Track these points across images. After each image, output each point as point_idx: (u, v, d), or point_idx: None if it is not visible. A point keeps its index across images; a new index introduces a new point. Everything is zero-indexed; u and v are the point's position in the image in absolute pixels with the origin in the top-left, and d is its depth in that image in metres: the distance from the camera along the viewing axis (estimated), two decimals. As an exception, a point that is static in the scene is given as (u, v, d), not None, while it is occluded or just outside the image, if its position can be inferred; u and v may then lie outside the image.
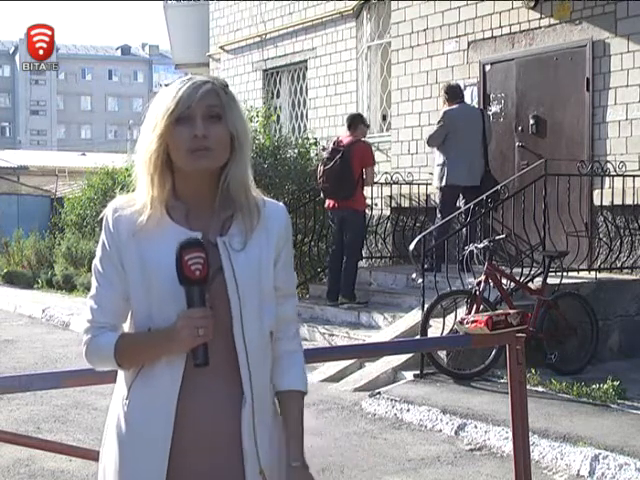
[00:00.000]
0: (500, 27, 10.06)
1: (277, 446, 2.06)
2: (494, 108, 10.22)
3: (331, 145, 9.24)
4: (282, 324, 2.08)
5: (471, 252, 7.56)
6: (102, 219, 2.04)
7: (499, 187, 8.60)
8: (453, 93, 9.22)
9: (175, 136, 1.96)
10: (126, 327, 2.04)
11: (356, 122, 9.27)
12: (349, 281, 9.25)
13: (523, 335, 3.46)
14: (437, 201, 9.40)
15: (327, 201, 9.31)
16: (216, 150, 1.97)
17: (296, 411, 2.08)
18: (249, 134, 2.07)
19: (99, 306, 2.01)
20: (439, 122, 9.10)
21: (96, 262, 2.03)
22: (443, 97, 9.34)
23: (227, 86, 2.04)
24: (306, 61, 14.03)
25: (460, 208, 8.83)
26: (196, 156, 1.96)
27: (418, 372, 7.25)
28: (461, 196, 9.09)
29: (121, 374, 2.05)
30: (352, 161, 8.94)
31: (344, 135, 9.30)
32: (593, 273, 8.41)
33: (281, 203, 2.16)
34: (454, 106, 9.14)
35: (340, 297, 9.23)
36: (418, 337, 7.11)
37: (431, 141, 9.17)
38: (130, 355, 1.98)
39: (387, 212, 11.19)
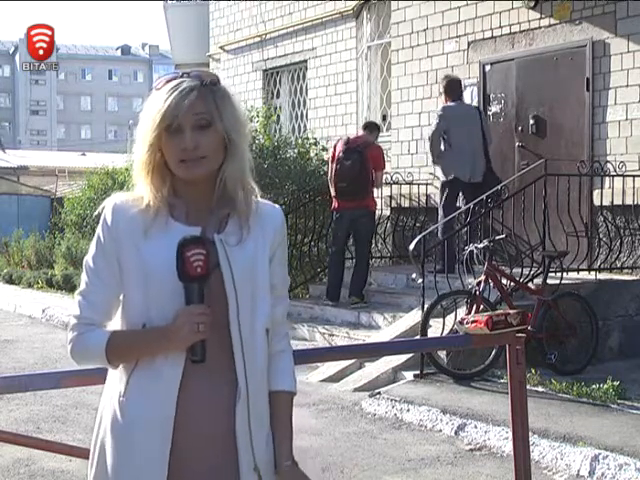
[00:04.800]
0: (500, 27, 10.06)
1: (273, 443, 2.07)
2: (494, 108, 10.22)
3: (341, 144, 9.24)
4: (274, 325, 2.09)
5: (471, 252, 7.56)
6: (99, 215, 2.03)
7: (499, 187, 8.59)
8: (452, 89, 9.18)
9: (166, 146, 1.97)
10: (115, 324, 2.02)
11: (373, 128, 9.64)
12: (362, 280, 9.28)
13: (523, 335, 3.46)
14: (439, 199, 9.34)
15: (336, 201, 9.29)
16: (209, 157, 1.97)
17: (286, 412, 2.09)
18: (245, 131, 2.05)
19: (88, 302, 2.00)
20: (436, 119, 9.07)
21: (88, 258, 2.02)
22: (442, 90, 9.28)
23: (217, 82, 2.00)
24: (306, 61, 14.03)
25: (460, 207, 8.83)
26: (188, 166, 1.96)
27: (418, 372, 7.25)
28: (461, 195, 9.09)
29: (113, 370, 2.04)
30: (367, 162, 9.03)
31: (353, 134, 9.39)
32: (593, 273, 8.41)
33: (277, 205, 2.17)
34: (451, 103, 9.12)
35: (351, 297, 9.24)
36: (418, 337, 7.11)
37: (433, 141, 9.08)
38: (123, 353, 1.98)
39: (387, 212, 11.19)
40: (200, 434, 1.97)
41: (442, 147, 8.99)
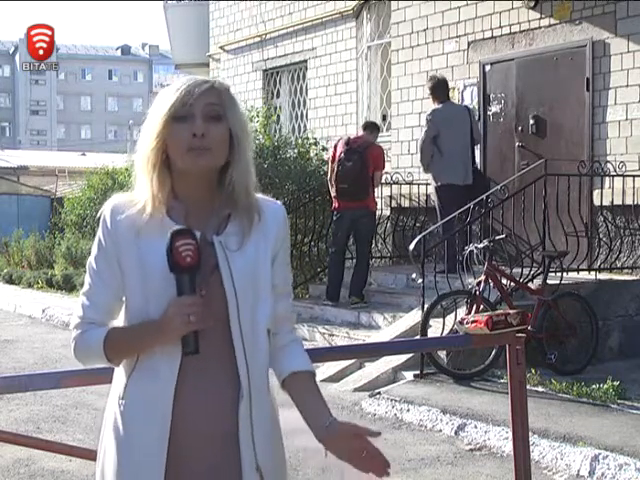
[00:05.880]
0: (500, 27, 10.06)
1: (275, 442, 2.07)
2: (494, 108, 10.22)
3: (342, 144, 9.24)
4: (279, 321, 2.09)
5: (471, 252, 7.56)
6: (100, 216, 2.04)
7: (498, 187, 8.59)
8: (439, 90, 9.19)
9: (174, 134, 1.97)
10: (118, 324, 2.03)
11: (373, 128, 9.58)
12: (362, 280, 9.29)
13: (523, 335, 3.46)
14: (435, 203, 9.35)
15: (337, 202, 9.30)
16: (215, 149, 1.97)
17: (312, 385, 2.08)
18: (250, 135, 2.07)
19: (91, 302, 2.01)
20: (425, 125, 9.10)
21: (91, 259, 2.04)
22: (429, 92, 9.33)
23: (229, 89, 2.05)
24: (306, 61, 14.03)
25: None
26: (194, 155, 1.96)
27: (418, 372, 7.25)
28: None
29: (117, 373, 2.05)
30: (368, 162, 9.03)
31: (353, 134, 9.39)
32: (593, 273, 8.40)
33: (279, 202, 2.16)
34: (439, 106, 9.13)
35: (351, 297, 9.24)
36: (418, 337, 7.11)
37: (423, 149, 9.10)
38: (120, 348, 1.99)
39: (387, 212, 11.19)
40: (198, 433, 1.97)
41: (432, 154, 9.00)
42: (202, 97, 1.97)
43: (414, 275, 7.99)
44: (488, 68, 10.28)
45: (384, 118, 12.30)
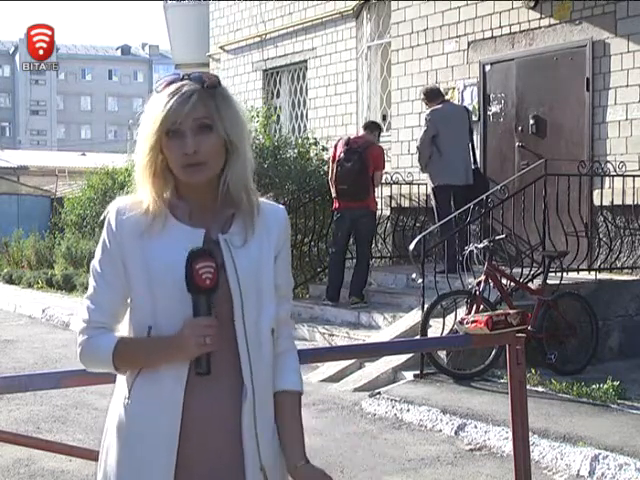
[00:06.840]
0: (500, 27, 10.06)
1: (278, 443, 2.06)
2: (494, 108, 10.22)
3: (342, 144, 9.24)
4: (279, 325, 2.09)
5: (471, 252, 7.56)
6: (103, 219, 2.03)
7: (498, 187, 8.60)
8: (433, 94, 9.28)
9: (167, 150, 1.97)
10: (123, 328, 2.03)
11: (374, 128, 9.57)
12: (362, 280, 9.29)
13: (523, 335, 3.46)
14: (433, 204, 9.37)
15: (337, 202, 9.30)
16: (209, 162, 1.97)
17: (295, 410, 2.08)
18: (246, 133, 2.05)
19: (96, 306, 2.00)
20: (424, 125, 9.15)
21: (95, 262, 2.03)
22: (423, 101, 9.44)
23: (218, 85, 2.00)
24: (306, 61, 14.03)
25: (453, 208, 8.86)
26: (190, 171, 1.97)
27: (418, 372, 7.25)
28: (452, 196, 9.13)
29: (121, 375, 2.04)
30: (367, 162, 9.02)
31: (354, 135, 9.39)
32: (593, 273, 8.41)
33: (281, 205, 2.18)
34: (438, 106, 9.17)
35: (351, 297, 9.24)
36: (418, 337, 7.11)
37: (422, 149, 9.13)
38: (129, 360, 1.98)
39: (387, 212, 11.19)
40: (206, 435, 1.96)
41: (431, 154, 9.02)
42: (190, 114, 1.94)
43: (414, 275, 7.99)
44: (488, 68, 10.28)
45: (384, 118, 12.29)
